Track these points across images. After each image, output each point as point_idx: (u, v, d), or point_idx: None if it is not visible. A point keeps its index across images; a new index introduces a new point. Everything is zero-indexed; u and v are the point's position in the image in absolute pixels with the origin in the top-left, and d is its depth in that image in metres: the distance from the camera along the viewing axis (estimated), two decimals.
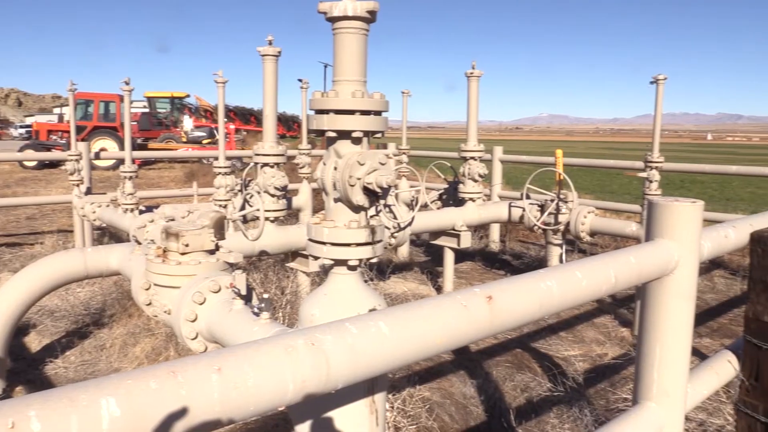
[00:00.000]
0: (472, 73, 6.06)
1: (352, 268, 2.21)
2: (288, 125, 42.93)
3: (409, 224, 5.13)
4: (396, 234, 5.11)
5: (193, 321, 2.83)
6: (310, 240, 2.26)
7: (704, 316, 6.22)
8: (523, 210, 5.84)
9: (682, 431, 2.28)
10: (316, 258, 2.26)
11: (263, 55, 4.89)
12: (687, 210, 2.06)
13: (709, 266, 8.07)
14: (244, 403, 1.00)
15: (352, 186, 2.10)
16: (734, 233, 2.56)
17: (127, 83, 6.13)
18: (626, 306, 6.27)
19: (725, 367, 2.70)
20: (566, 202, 5.63)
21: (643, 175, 6.63)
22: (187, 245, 3.09)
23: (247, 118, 38.25)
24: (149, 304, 3.11)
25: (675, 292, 2.10)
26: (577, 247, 7.82)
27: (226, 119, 6.92)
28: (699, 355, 4.94)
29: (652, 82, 6.26)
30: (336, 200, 2.19)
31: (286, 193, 5.29)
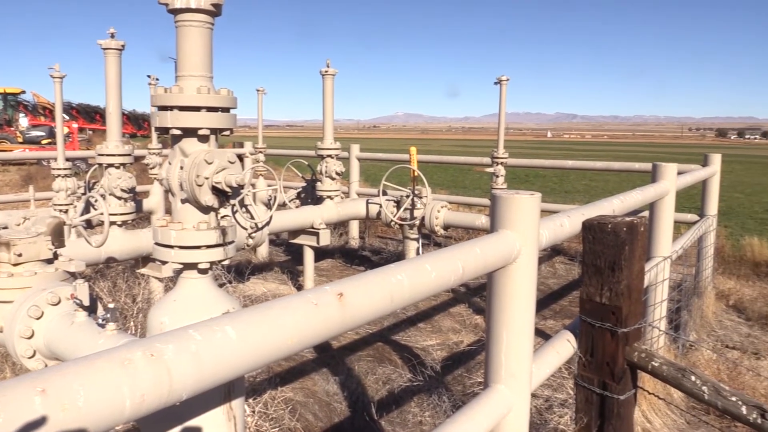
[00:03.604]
0: (326, 72, 6.07)
1: (203, 272, 2.12)
2: (138, 124, 40.78)
3: (267, 224, 5.04)
4: (254, 234, 5.00)
5: (30, 338, 2.59)
6: (157, 244, 2.14)
7: (548, 300, 6.71)
8: (380, 206, 5.95)
9: (528, 410, 2.43)
10: (164, 262, 2.14)
11: (105, 49, 4.59)
12: (526, 202, 2.20)
13: (551, 253, 8.72)
14: (74, 425, 0.92)
15: (200, 186, 2.01)
16: (569, 222, 2.78)
17: None
18: (479, 294, 6.60)
19: (565, 346, 2.92)
20: (421, 197, 5.81)
21: (490, 170, 7.01)
22: (20, 255, 2.81)
23: (91, 117, 35.82)
24: None
25: (518, 279, 2.23)
26: (433, 240, 8.12)
27: (68, 117, 6.41)
28: (544, 336, 5.32)
29: (496, 83, 6.63)
30: (183, 201, 2.09)
31: (135, 196, 5.00)
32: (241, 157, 9.65)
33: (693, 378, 2.65)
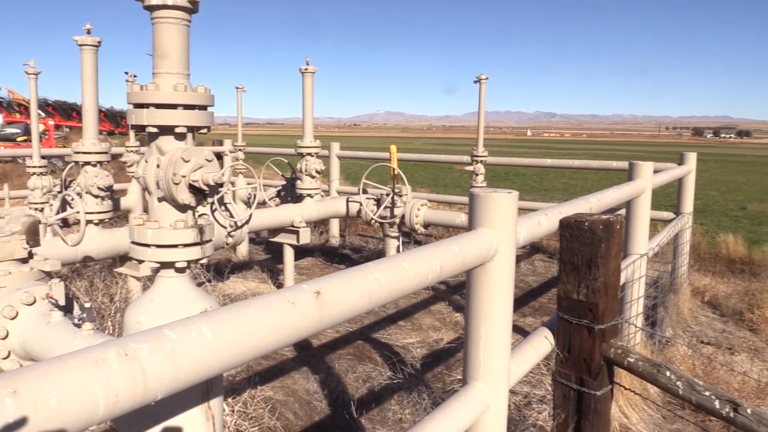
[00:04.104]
0: (306, 69, 6.06)
1: (181, 271, 2.11)
2: (116, 121, 40.34)
3: (247, 222, 5.01)
4: (233, 233, 4.97)
5: (4, 338, 2.56)
6: (134, 242, 2.12)
7: (527, 297, 6.76)
8: (361, 204, 5.95)
9: (506, 406, 2.45)
10: (141, 261, 2.13)
11: (81, 45, 4.54)
12: (503, 200, 2.22)
13: (530, 251, 8.79)
14: (46, 426, 0.91)
15: (177, 184, 2.00)
16: (546, 220, 2.80)
17: None
18: (460, 292, 6.63)
19: (543, 343, 2.95)
20: (401, 195, 5.82)
21: (470, 168, 7.05)
22: None
23: (68, 114, 35.35)
24: None
25: (496, 276, 2.25)
26: (413, 239, 8.14)
27: (44, 114, 6.33)
28: (523, 333, 5.36)
29: (475, 82, 6.66)
30: (160, 199, 2.07)
31: (113, 194, 4.95)
32: (220, 155, 9.59)
33: (668, 373, 2.68)
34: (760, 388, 4.37)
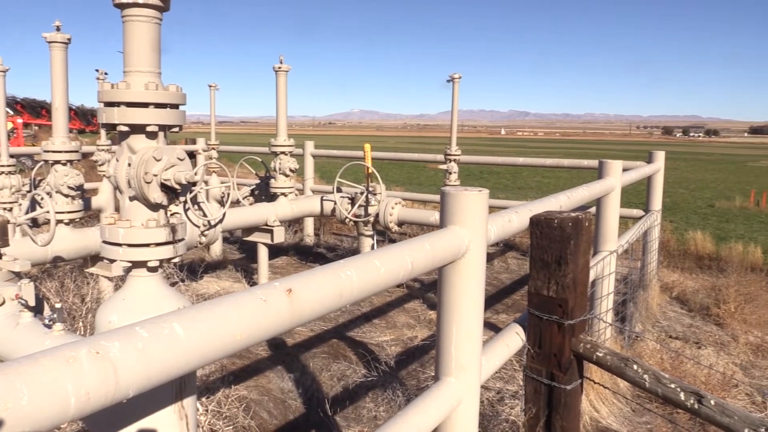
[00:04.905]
0: (280, 68, 6.04)
1: (153, 270, 2.10)
2: (86, 119, 39.72)
3: (220, 221, 4.99)
4: (206, 232, 4.95)
5: None
6: (105, 242, 2.11)
7: (500, 294, 6.83)
8: (335, 203, 5.96)
9: (478, 401, 2.49)
10: (112, 261, 2.11)
11: (50, 42, 4.48)
12: (474, 198, 2.25)
13: (504, 249, 8.87)
14: (17, 424, 0.91)
15: (149, 183, 1.99)
16: (517, 218, 2.85)
17: None
18: (433, 290, 6.68)
19: (514, 339, 2.99)
20: (375, 194, 5.84)
21: (443, 167, 7.10)
22: None
23: (37, 112, 34.72)
24: None
25: (467, 274, 2.28)
26: (388, 237, 8.17)
27: (12, 112, 6.21)
28: (496, 329, 5.42)
29: (449, 80, 6.71)
30: (132, 198, 2.06)
31: (84, 193, 4.89)
32: (193, 154, 9.51)
33: (635, 367, 2.75)
34: (725, 380, 4.48)
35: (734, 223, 14.52)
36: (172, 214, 2.18)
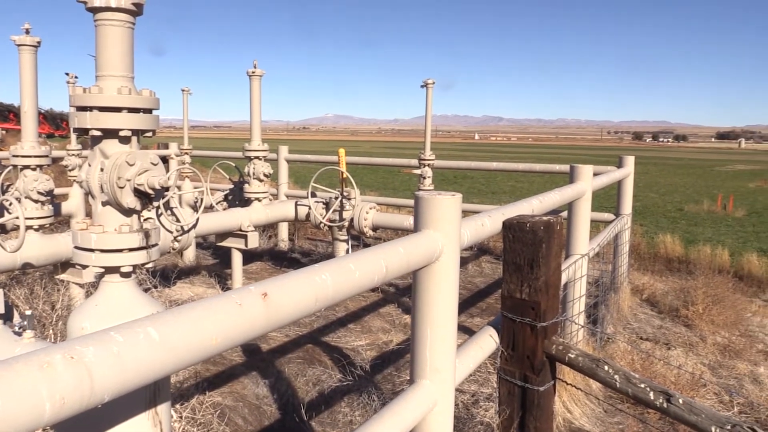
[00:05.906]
0: (253, 72, 6.03)
1: (126, 275, 2.09)
2: (56, 123, 39.12)
3: (194, 226, 4.95)
4: (179, 237, 4.90)
5: None
6: (77, 247, 2.09)
7: (475, 298, 6.89)
8: (309, 208, 5.95)
9: (453, 403, 2.52)
10: (84, 266, 2.10)
11: (19, 45, 4.42)
12: (447, 202, 2.28)
13: (478, 253, 8.94)
14: None
15: (122, 188, 1.98)
16: (490, 222, 2.88)
17: None
18: (408, 294, 6.70)
19: (488, 341, 3.03)
20: (349, 199, 5.85)
21: (417, 172, 7.14)
22: None
23: (4, 115, 34.12)
24: None
25: (440, 277, 2.31)
26: (362, 242, 8.18)
27: None
28: (471, 333, 5.45)
29: (422, 86, 6.75)
30: (104, 203, 2.05)
31: (54, 198, 4.82)
32: (166, 159, 9.42)
33: (606, 368, 2.80)
34: (694, 380, 4.58)
35: (702, 226, 14.84)
36: (145, 219, 2.17)
